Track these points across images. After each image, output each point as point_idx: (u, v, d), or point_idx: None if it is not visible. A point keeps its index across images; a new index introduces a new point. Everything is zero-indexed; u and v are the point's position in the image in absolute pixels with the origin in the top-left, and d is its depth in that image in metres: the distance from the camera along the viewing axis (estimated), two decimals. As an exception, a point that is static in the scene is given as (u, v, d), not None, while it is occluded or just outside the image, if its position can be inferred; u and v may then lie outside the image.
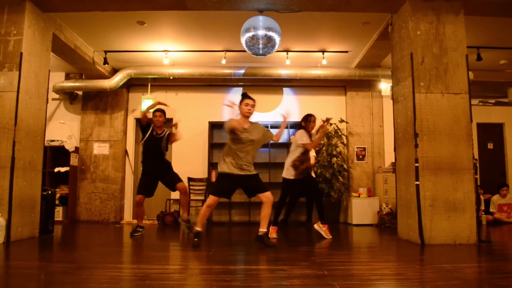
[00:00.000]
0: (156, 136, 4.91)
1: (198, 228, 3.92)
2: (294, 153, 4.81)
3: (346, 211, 7.05)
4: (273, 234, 4.80)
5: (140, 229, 4.91)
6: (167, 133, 5.00)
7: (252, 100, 4.02)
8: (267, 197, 3.89)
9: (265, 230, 3.88)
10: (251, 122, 4.07)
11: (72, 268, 2.84)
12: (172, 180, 4.92)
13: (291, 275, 2.65)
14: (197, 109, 7.48)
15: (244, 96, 4.05)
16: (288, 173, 4.83)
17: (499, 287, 2.32)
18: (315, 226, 4.85)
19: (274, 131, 4.27)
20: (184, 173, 7.19)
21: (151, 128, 4.90)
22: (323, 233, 4.71)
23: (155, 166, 4.91)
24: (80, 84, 7.02)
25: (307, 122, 4.91)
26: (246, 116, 4.01)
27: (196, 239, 3.86)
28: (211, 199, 3.89)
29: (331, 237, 4.65)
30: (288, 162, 4.85)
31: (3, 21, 4.38)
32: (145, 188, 4.88)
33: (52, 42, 5.03)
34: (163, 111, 5.00)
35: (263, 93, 7.49)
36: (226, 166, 3.89)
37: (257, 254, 3.62)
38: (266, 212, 3.89)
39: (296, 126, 7.45)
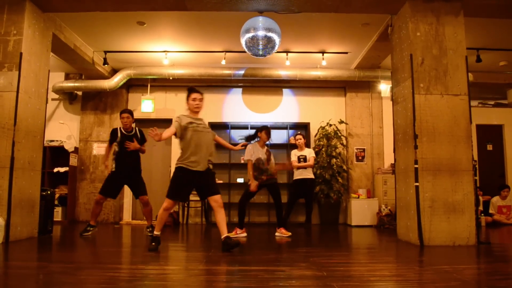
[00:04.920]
0: (127, 134, 4.86)
1: (157, 232, 3.81)
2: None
3: (346, 212, 7.05)
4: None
5: (91, 228, 4.80)
6: (137, 130, 4.97)
7: (200, 94, 3.80)
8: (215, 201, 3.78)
9: (226, 234, 3.75)
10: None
11: (71, 268, 2.83)
12: (138, 188, 4.88)
13: (290, 276, 2.65)
14: (197, 109, 7.47)
15: (191, 90, 3.81)
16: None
17: (498, 289, 2.32)
18: (277, 234, 5.00)
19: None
20: (184, 173, 7.19)
21: (118, 132, 4.86)
22: (283, 235, 4.88)
23: (126, 166, 4.84)
24: (80, 84, 7.02)
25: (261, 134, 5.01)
26: (195, 111, 3.82)
27: (153, 243, 3.72)
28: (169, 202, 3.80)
29: (290, 233, 4.93)
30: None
31: (3, 21, 4.38)
32: (109, 188, 4.81)
33: (52, 42, 5.03)
34: (130, 112, 4.95)
35: (262, 94, 7.52)
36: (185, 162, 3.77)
37: (256, 255, 3.62)
38: (220, 217, 3.80)
39: (294, 127, 7.48)
